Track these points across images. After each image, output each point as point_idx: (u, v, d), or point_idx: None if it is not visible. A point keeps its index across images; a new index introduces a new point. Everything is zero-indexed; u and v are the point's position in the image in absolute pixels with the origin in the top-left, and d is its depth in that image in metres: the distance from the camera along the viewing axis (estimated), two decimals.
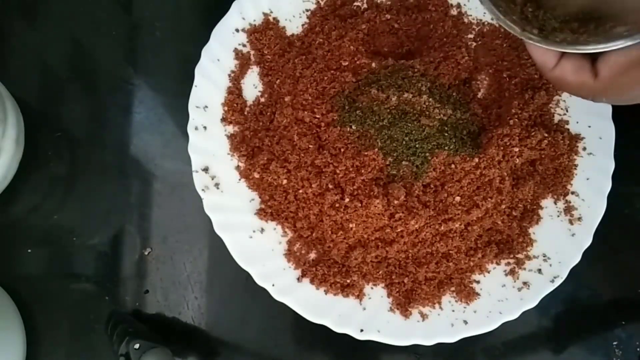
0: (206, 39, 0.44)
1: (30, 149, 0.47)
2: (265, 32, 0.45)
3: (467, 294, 0.40)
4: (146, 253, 0.46)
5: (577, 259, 0.39)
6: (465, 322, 0.39)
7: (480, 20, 0.45)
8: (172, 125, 0.48)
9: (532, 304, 0.39)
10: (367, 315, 0.40)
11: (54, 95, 0.49)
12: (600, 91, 0.27)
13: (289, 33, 0.46)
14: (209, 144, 0.43)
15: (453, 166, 0.40)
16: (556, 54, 0.28)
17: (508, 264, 0.41)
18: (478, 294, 0.40)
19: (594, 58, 0.27)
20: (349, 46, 0.44)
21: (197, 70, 0.43)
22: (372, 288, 0.41)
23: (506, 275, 0.40)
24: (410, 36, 0.46)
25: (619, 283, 0.44)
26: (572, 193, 0.41)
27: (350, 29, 0.44)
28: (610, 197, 0.40)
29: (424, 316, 0.40)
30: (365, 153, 0.40)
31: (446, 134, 0.41)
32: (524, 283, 0.40)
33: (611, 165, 0.40)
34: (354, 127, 0.41)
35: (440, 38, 0.45)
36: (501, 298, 0.40)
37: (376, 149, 0.40)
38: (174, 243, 0.46)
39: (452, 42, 0.44)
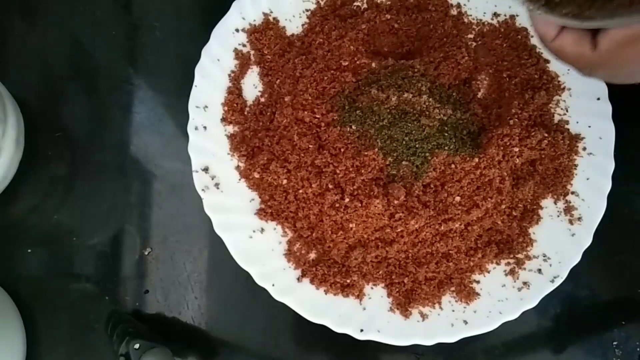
0: (206, 39, 0.44)
1: (30, 149, 0.47)
2: (265, 32, 0.45)
3: (467, 294, 0.40)
4: (146, 253, 0.46)
5: (577, 259, 0.39)
6: (465, 322, 0.39)
7: (480, 20, 0.45)
8: (172, 125, 0.48)
9: (532, 304, 0.39)
10: (367, 315, 0.40)
11: (54, 95, 0.49)
12: (597, 63, 0.28)
13: (289, 33, 0.46)
14: (209, 144, 0.43)
15: (453, 166, 0.40)
16: (557, 26, 0.28)
17: (508, 264, 0.41)
18: (478, 294, 0.40)
19: (594, 31, 0.27)
20: (349, 46, 0.44)
21: (197, 70, 0.43)
22: (372, 288, 0.41)
23: (506, 275, 0.40)
24: (410, 36, 0.46)
25: (619, 283, 0.44)
26: (572, 193, 0.41)
27: (350, 29, 0.44)
28: (610, 197, 0.40)
29: (424, 316, 0.40)
30: (365, 153, 0.40)
31: (446, 134, 0.41)
32: (524, 283, 0.40)
33: (611, 165, 0.40)
34: (354, 127, 0.41)
35: (440, 38, 0.45)
36: (501, 298, 0.40)
37: (376, 149, 0.40)
38: (174, 243, 0.46)
39: (452, 42, 0.44)
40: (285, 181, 0.41)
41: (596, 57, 0.27)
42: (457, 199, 0.40)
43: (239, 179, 0.43)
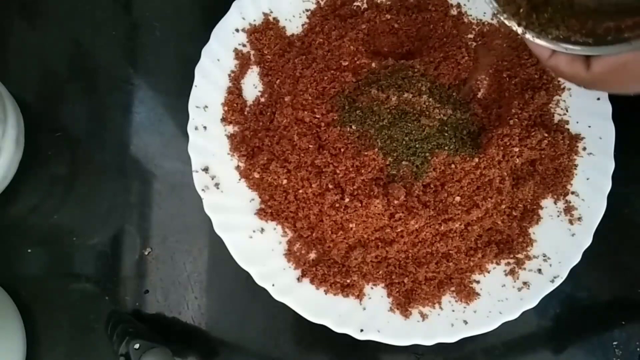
0: (206, 39, 0.44)
1: (30, 149, 0.47)
2: (265, 32, 0.45)
3: (467, 294, 0.40)
4: (146, 253, 0.46)
5: (577, 259, 0.39)
6: (465, 322, 0.39)
7: (480, 20, 0.45)
8: (172, 125, 0.48)
9: (532, 304, 0.39)
10: (367, 315, 0.40)
11: (54, 95, 0.49)
12: (591, 83, 0.29)
13: (289, 33, 0.46)
14: (209, 144, 0.43)
15: (453, 166, 0.40)
16: None
17: (508, 264, 0.41)
18: (478, 294, 0.40)
19: None
20: (349, 46, 0.44)
21: (197, 70, 0.43)
22: (372, 288, 0.41)
23: (506, 275, 0.40)
24: (410, 36, 0.46)
25: (619, 283, 0.44)
26: (572, 193, 0.41)
27: (350, 29, 0.44)
28: (610, 197, 0.40)
29: (424, 316, 0.40)
30: (365, 153, 0.40)
31: (446, 134, 0.41)
32: (524, 283, 0.40)
33: (611, 165, 0.40)
34: (354, 127, 0.41)
35: (440, 38, 0.45)
36: (501, 298, 0.40)
37: (376, 149, 0.40)
38: (174, 243, 0.46)
39: (452, 42, 0.44)
40: (285, 181, 0.41)
41: (589, 77, 0.29)
42: (457, 199, 0.40)
43: (239, 179, 0.43)
